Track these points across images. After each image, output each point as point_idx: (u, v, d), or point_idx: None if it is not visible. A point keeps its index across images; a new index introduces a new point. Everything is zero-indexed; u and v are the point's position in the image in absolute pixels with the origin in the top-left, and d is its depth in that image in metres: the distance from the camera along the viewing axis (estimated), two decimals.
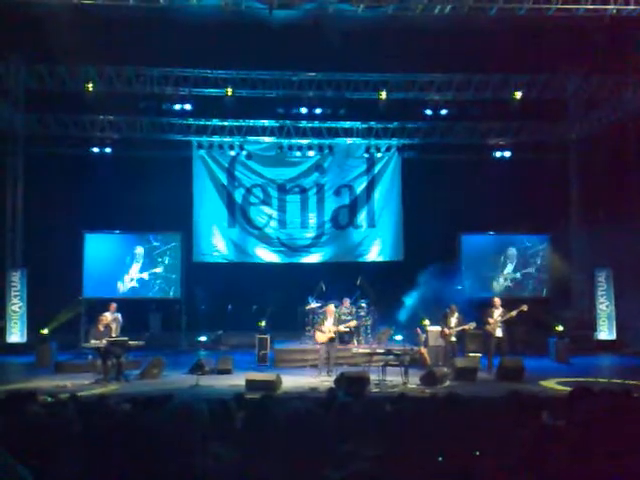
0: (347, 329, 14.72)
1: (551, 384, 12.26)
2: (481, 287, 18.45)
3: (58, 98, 17.16)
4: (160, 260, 18.53)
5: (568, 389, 10.96)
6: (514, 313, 13.86)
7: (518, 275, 18.65)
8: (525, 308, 13.91)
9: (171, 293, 18.55)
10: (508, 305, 14.18)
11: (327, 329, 13.47)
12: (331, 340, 13.45)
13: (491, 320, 13.88)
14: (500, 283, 18.59)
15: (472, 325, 13.92)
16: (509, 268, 18.66)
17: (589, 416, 3.02)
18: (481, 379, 12.88)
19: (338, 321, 13.96)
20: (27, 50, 16.26)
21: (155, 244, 18.57)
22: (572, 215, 18.86)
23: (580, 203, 18.68)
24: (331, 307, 14.12)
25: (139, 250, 18.48)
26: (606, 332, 17.83)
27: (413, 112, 18.35)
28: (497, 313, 13.95)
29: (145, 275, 18.44)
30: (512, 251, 18.64)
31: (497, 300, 14.30)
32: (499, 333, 13.83)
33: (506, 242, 18.77)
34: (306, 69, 17.40)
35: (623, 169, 16.08)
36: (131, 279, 18.37)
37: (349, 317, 15.57)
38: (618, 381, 11.77)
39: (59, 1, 13.00)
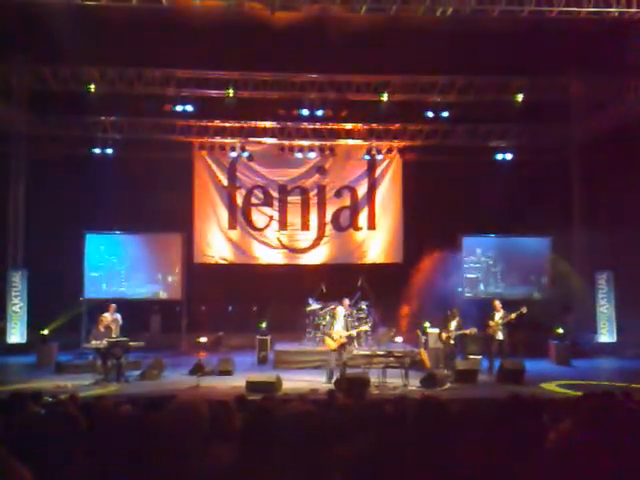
0: (356, 334, 14.50)
1: (552, 387, 12.26)
2: (481, 289, 18.46)
3: (60, 99, 17.18)
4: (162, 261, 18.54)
5: (569, 392, 10.98)
6: (514, 316, 13.86)
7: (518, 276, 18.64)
8: (524, 310, 13.90)
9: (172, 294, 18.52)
10: (508, 307, 14.19)
11: (337, 335, 13.01)
12: (342, 346, 13.03)
13: (492, 323, 13.90)
14: (505, 284, 18.55)
15: (473, 330, 13.88)
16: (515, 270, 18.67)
17: (590, 419, 3.02)
18: (482, 381, 12.88)
19: (347, 324, 13.45)
20: (30, 51, 16.28)
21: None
22: (574, 217, 18.84)
23: (582, 205, 18.66)
24: (339, 310, 13.63)
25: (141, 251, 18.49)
26: (607, 335, 17.82)
27: (414, 114, 18.34)
28: (498, 316, 13.96)
29: (147, 276, 18.42)
30: (513, 252, 18.64)
31: (497, 303, 14.30)
32: (500, 336, 13.84)
33: (508, 244, 18.74)
34: (308, 70, 17.40)
35: (625, 171, 16.05)
36: (131, 280, 18.35)
37: (349, 319, 15.48)
38: (618, 384, 11.75)
39: (62, 2, 13.01)
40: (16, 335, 17.25)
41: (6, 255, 17.60)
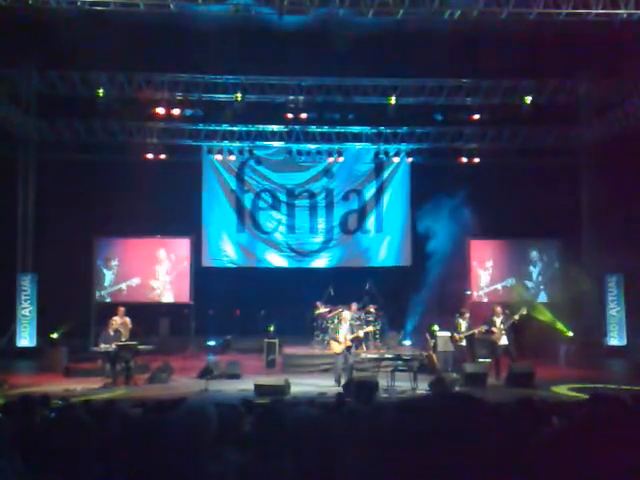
0: (363, 334, 14.45)
1: (563, 390, 12.18)
2: (489, 292, 18.41)
3: (69, 104, 17.26)
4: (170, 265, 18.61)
5: (580, 395, 10.91)
6: (517, 317, 13.80)
7: (540, 279, 18.60)
8: (524, 311, 13.88)
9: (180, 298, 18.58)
10: (510, 310, 14.14)
11: (343, 337, 12.96)
12: (348, 348, 12.99)
13: (495, 329, 13.81)
14: (515, 287, 18.50)
15: (483, 328, 13.85)
16: (527, 272, 18.62)
17: (597, 422, 2.99)
18: (491, 385, 12.81)
19: (353, 328, 13.54)
20: (38, 56, 16.38)
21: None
22: (583, 220, 18.75)
23: (591, 208, 18.57)
24: (345, 313, 13.67)
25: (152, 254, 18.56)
26: (616, 338, 17.71)
27: (422, 117, 18.33)
28: (499, 321, 13.88)
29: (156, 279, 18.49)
30: (532, 256, 18.58)
31: (498, 309, 14.19)
32: (504, 341, 13.73)
33: (516, 247, 18.68)
34: (315, 74, 17.41)
35: (634, 173, 15.98)
36: (140, 284, 18.41)
37: (357, 322, 15.47)
38: (628, 387, 11.67)
39: (70, 7, 13.09)
40: (25, 339, 17.32)
41: (15, 259, 17.70)
